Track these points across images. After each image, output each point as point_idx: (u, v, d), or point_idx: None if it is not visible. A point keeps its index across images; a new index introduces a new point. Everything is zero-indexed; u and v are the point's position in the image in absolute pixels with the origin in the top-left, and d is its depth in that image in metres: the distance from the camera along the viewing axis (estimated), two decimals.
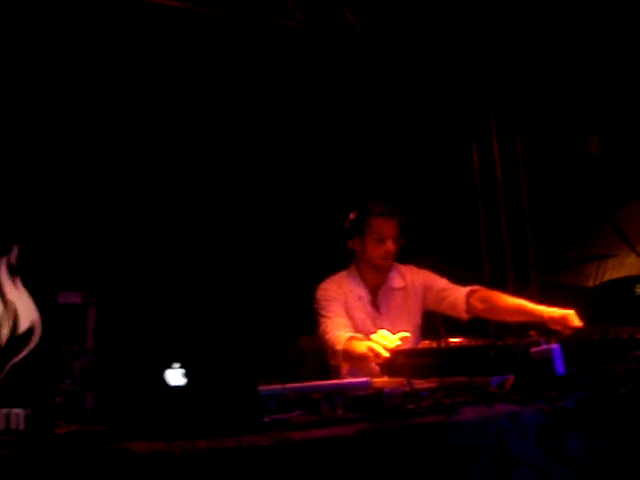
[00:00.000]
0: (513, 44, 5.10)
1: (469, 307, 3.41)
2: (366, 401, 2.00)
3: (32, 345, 1.65)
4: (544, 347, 2.29)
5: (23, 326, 1.66)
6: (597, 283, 5.26)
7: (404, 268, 3.60)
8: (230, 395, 1.80)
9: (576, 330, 2.98)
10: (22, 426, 1.62)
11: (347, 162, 4.87)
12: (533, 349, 2.31)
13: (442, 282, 3.57)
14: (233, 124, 4.70)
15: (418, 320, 3.54)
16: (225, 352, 1.85)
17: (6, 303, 1.66)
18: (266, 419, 1.83)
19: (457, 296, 3.46)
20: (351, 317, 3.43)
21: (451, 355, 2.50)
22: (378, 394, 2.01)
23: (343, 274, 3.59)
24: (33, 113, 4.01)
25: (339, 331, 3.29)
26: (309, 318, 4.19)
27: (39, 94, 4.03)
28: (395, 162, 5.03)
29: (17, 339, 1.65)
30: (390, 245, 3.43)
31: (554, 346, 2.25)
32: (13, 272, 1.68)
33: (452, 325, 3.58)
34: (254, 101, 4.72)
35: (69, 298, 2.22)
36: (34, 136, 3.99)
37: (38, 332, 1.66)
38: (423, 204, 5.08)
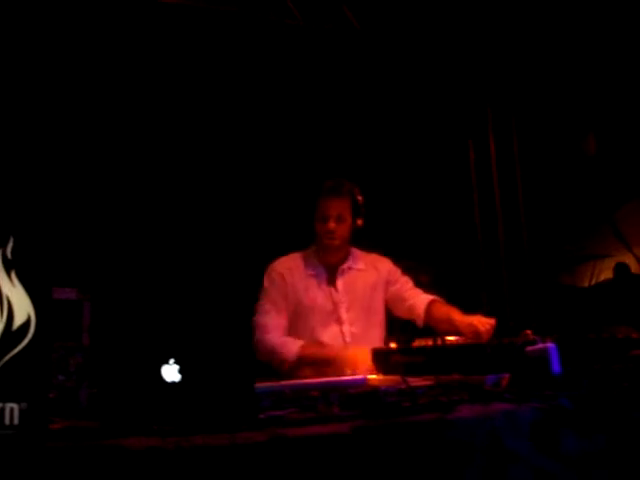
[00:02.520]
0: (511, 44, 5.10)
1: (427, 317, 3.33)
2: (362, 398, 2.00)
3: (27, 340, 1.64)
4: (540, 346, 2.29)
5: (18, 321, 1.65)
6: (592, 283, 5.27)
7: (365, 254, 3.51)
8: (225, 391, 1.80)
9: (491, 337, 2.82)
10: (16, 421, 1.61)
11: (343, 159, 4.86)
12: (529, 348, 2.31)
13: (406, 282, 3.48)
14: (231, 122, 4.69)
15: (380, 305, 3.44)
16: (221, 348, 1.85)
17: (1, 297, 1.66)
18: (261, 416, 1.82)
19: (418, 303, 3.37)
20: (300, 299, 3.34)
21: (447, 353, 2.50)
22: (374, 391, 2.01)
23: (298, 254, 3.48)
24: (30, 108, 4.00)
25: (278, 335, 3.25)
26: None
27: (33, 89, 4.01)
28: (391, 161, 5.03)
29: (12, 334, 1.64)
30: (331, 224, 3.31)
31: (550, 345, 2.25)
32: (8, 266, 1.67)
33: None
34: (251, 99, 4.70)
35: (64, 294, 2.21)
36: (31, 131, 3.98)
37: (33, 327, 1.65)
38: (419, 204, 5.08)
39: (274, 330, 3.27)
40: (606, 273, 5.31)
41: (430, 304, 3.34)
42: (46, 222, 1.81)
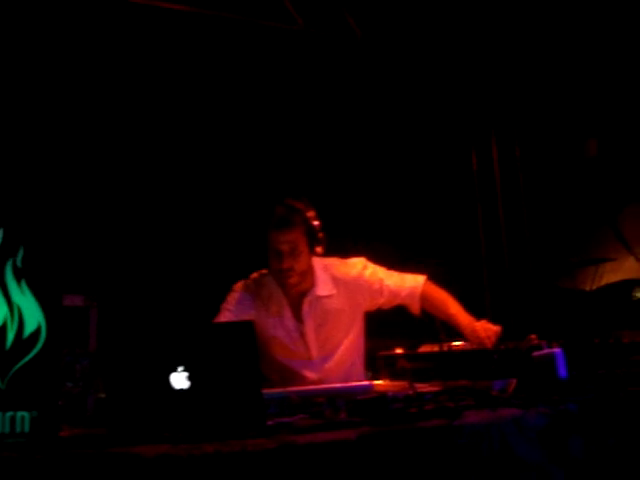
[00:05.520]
0: (512, 51, 5.12)
1: (422, 306, 3.09)
2: (369, 405, 2.00)
3: (37, 349, 1.65)
4: (546, 351, 2.30)
5: (28, 329, 1.66)
6: (595, 287, 5.27)
7: (335, 266, 3.11)
8: (234, 398, 1.80)
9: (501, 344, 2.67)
10: (27, 429, 1.62)
11: (345, 167, 4.87)
12: (535, 353, 2.32)
13: (389, 277, 3.11)
14: (231, 128, 4.69)
15: (357, 325, 3.12)
16: (229, 355, 1.85)
17: (11, 306, 1.66)
18: (270, 422, 1.83)
19: (411, 294, 3.09)
20: (266, 337, 3.00)
21: (453, 358, 2.51)
22: (381, 398, 2.01)
23: (259, 280, 3.08)
24: (39, 117, 4.01)
25: None
26: None
27: (40, 99, 4.03)
28: (394, 169, 5.03)
29: (22, 342, 1.65)
30: (285, 263, 2.89)
31: (556, 350, 2.26)
32: (18, 275, 1.68)
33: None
34: (251, 105, 4.71)
35: (71, 301, 2.23)
36: (40, 140, 3.99)
37: (43, 335, 1.66)
38: (422, 211, 5.09)
39: None
40: (608, 276, 5.31)
41: (422, 296, 3.10)
42: (54, 230, 1.82)
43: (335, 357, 3.08)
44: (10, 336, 1.64)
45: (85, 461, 1.49)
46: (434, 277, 3.52)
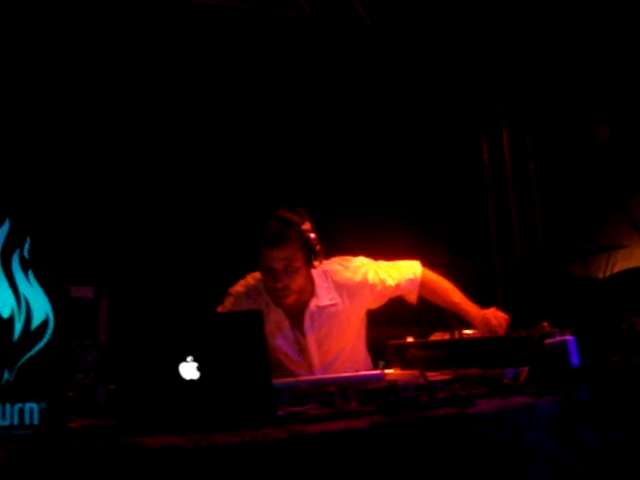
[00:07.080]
0: (522, 36, 5.08)
1: (421, 291, 3.05)
2: (380, 394, 2.00)
3: (45, 340, 1.64)
4: (558, 338, 2.28)
5: (36, 321, 1.65)
6: (607, 274, 5.23)
7: (342, 272, 2.97)
8: (244, 388, 1.80)
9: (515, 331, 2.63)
10: (36, 421, 1.62)
11: (355, 156, 4.84)
12: (547, 341, 2.30)
13: (391, 274, 3.03)
14: (236, 121, 4.66)
15: (359, 329, 3.08)
16: (238, 345, 1.85)
17: (19, 297, 1.66)
18: (280, 412, 1.82)
19: (412, 282, 3.04)
20: (271, 345, 2.84)
21: (465, 347, 2.49)
22: (392, 386, 2.00)
23: (257, 284, 2.93)
24: (46, 106, 4.00)
25: None
26: None
27: (47, 93, 4.02)
28: (405, 157, 5.01)
29: (30, 334, 1.64)
30: (279, 283, 2.76)
31: (568, 337, 2.24)
32: (25, 266, 1.67)
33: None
34: (257, 96, 4.68)
35: (81, 292, 2.22)
36: (47, 131, 3.99)
37: (51, 326, 1.65)
38: (433, 199, 5.06)
39: None
40: (620, 264, 5.27)
41: (421, 285, 3.06)
42: (62, 221, 1.81)
43: (336, 364, 3.02)
44: (18, 327, 1.64)
45: (93, 452, 1.49)
46: (445, 266, 3.51)
